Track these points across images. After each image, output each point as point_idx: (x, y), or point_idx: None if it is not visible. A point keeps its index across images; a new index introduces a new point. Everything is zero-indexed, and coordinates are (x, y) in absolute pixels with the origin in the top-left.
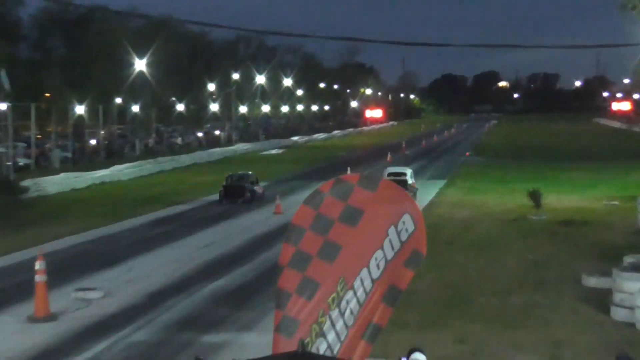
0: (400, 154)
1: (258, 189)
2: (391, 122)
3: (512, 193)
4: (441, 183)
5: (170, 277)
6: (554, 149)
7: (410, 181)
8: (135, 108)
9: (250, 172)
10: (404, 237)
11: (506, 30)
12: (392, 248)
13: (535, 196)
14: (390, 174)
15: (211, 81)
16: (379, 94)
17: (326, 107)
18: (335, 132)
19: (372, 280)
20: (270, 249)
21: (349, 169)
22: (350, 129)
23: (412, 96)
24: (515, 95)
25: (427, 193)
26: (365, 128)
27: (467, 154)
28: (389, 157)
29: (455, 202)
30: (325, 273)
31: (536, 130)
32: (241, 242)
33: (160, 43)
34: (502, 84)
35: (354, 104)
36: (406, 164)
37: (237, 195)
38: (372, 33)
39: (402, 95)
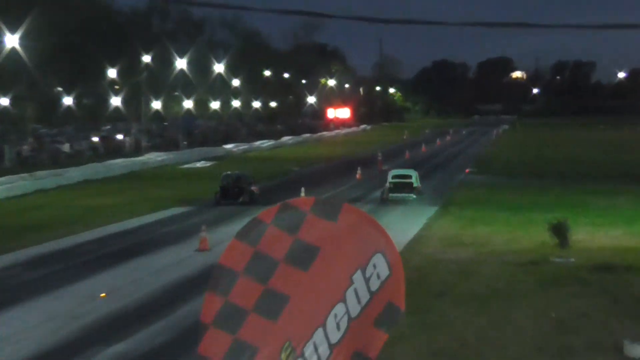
0: (375, 170)
1: (255, 189)
2: (363, 126)
3: (528, 225)
4: (431, 211)
5: (48, 340)
6: (587, 166)
7: (415, 184)
8: (4, 101)
9: (246, 172)
10: (374, 285)
11: (521, 4)
12: (358, 301)
13: (560, 230)
14: (395, 177)
15: (113, 65)
16: (347, 86)
17: (273, 104)
18: (286, 138)
19: (330, 346)
20: (190, 301)
21: (302, 190)
22: (307, 135)
23: (392, 90)
24: (535, 91)
25: (411, 224)
26: (327, 133)
27: (467, 170)
28: (358, 174)
29: (449, 238)
30: (265, 335)
31: (563, 139)
32: (151, 291)
33: (41, 11)
34: (517, 74)
35: (311, 100)
36: (382, 186)
37: (235, 196)
38: (337, 5)
39: (378, 88)
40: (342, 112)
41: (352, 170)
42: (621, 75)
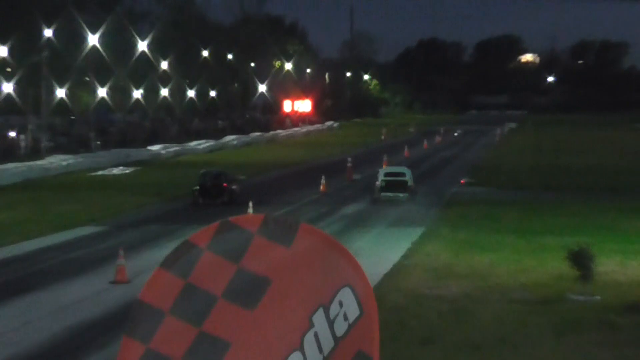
0: (344, 179)
1: (236, 188)
2: (329, 123)
3: (540, 253)
4: (415, 233)
5: None
6: (618, 177)
7: (409, 183)
8: None
9: (226, 170)
10: (340, 328)
11: None
12: (320, 349)
13: (581, 259)
14: (387, 174)
15: (3, 41)
16: (308, 72)
17: (213, 94)
18: (229, 138)
19: None
20: (103, 349)
21: (250, 205)
22: (256, 134)
23: (366, 77)
24: (550, 79)
25: (389, 250)
26: (282, 132)
27: (462, 181)
28: (322, 185)
29: (439, 268)
30: None
31: (587, 141)
32: (50, 336)
33: None
34: (527, 57)
35: (262, 88)
36: (353, 200)
37: (215, 195)
38: None
39: (348, 75)
40: (302, 105)
41: (315, 180)
42: None
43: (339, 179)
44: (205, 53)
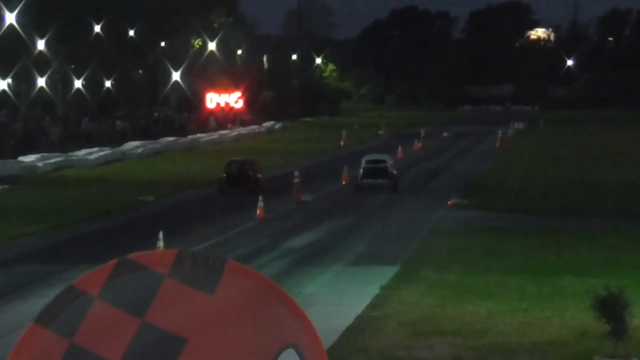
0: (289, 201)
1: (261, 177)
2: (269, 123)
3: (555, 299)
4: (387, 273)
5: None
6: None
7: (390, 169)
8: None
9: (252, 158)
10: None
11: None
12: None
13: (613, 309)
14: (368, 162)
15: None
16: (240, 53)
17: (108, 84)
18: (132, 144)
19: None
20: None
21: (160, 237)
22: (169, 139)
23: (318, 60)
24: (570, 63)
25: (351, 298)
26: (204, 136)
27: (450, 202)
28: (259, 209)
29: (419, 321)
30: None
31: (620, 147)
32: None
33: None
34: (540, 33)
35: (177, 76)
36: (303, 228)
37: (241, 183)
38: None
39: (294, 58)
40: (231, 99)
41: (249, 201)
42: None
43: (283, 200)
44: (97, 28)
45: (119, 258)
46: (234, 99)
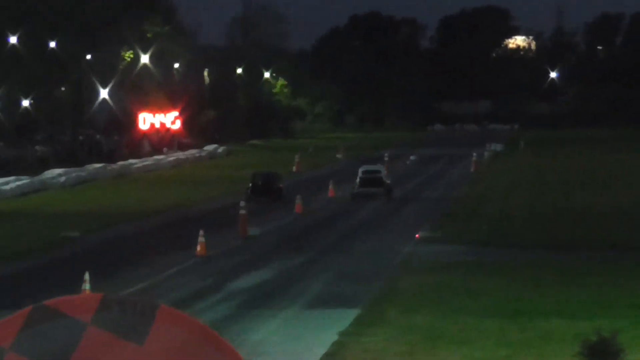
0: (236, 235)
1: (282, 187)
2: (211, 147)
3: (540, 345)
4: (347, 316)
5: None
6: None
7: (385, 179)
8: None
9: (275, 171)
10: None
11: None
12: None
13: (603, 355)
14: (364, 172)
15: None
16: (177, 67)
17: (27, 104)
18: (54, 172)
19: None
20: None
21: (86, 278)
22: (97, 165)
23: (267, 74)
24: (554, 75)
25: (305, 345)
26: (137, 162)
27: (418, 235)
28: (200, 245)
29: None
30: None
31: (613, 170)
32: None
33: None
34: (520, 41)
35: (105, 94)
36: (251, 266)
37: (265, 193)
38: None
39: (239, 72)
40: (167, 120)
41: (189, 237)
42: None
43: (228, 234)
44: (13, 39)
45: (34, 305)
46: (171, 119)
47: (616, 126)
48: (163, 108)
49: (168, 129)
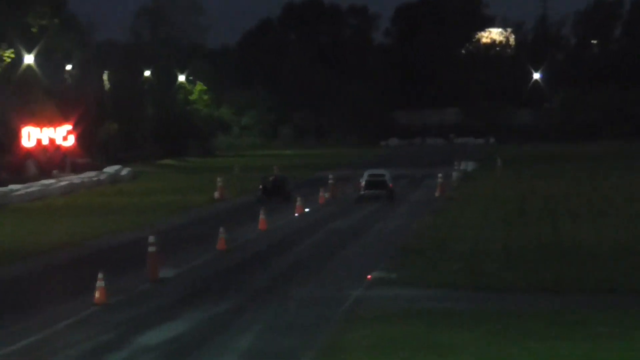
0: (143, 278)
1: (289, 188)
2: (113, 168)
3: None
4: None
5: None
6: None
7: (389, 183)
8: None
9: (284, 174)
10: None
11: None
12: None
13: None
14: (370, 175)
15: None
16: (69, 69)
17: None
18: None
19: None
20: None
21: None
22: None
23: (182, 78)
24: (537, 76)
25: None
26: (19, 188)
27: (370, 276)
28: (98, 291)
29: None
30: None
31: (609, 194)
32: None
33: None
34: (494, 35)
35: None
36: (163, 316)
37: (274, 194)
38: None
39: (147, 74)
40: (58, 135)
41: (84, 280)
42: None
43: (134, 276)
44: None
45: None
46: (62, 135)
47: (614, 139)
48: (52, 121)
49: (59, 147)
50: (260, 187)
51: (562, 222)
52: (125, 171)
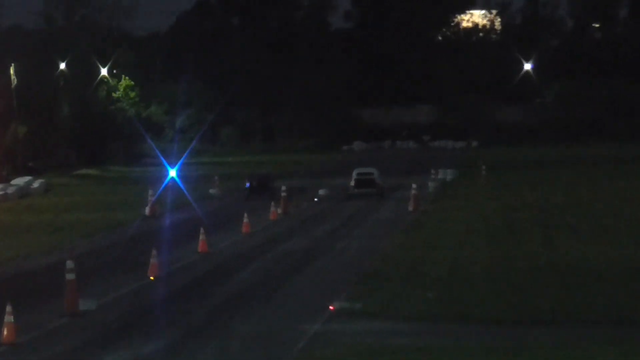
0: (62, 311)
1: (276, 186)
2: (22, 181)
3: None
4: None
5: None
6: None
7: (377, 180)
8: None
9: (270, 172)
10: None
11: None
12: None
13: None
14: (359, 174)
15: None
16: None
17: None
18: None
19: None
20: None
21: None
22: None
23: (104, 71)
24: (527, 66)
25: None
26: None
27: (332, 307)
28: (5, 331)
29: None
30: None
31: (611, 208)
32: None
33: None
34: (476, 18)
35: None
36: None
37: (260, 192)
38: None
39: (62, 66)
40: None
41: None
42: None
43: (47, 309)
44: None
45: None
46: None
47: (618, 139)
48: None
49: None
50: (247, 185)
51: (558, 238)
52: (36, 183)
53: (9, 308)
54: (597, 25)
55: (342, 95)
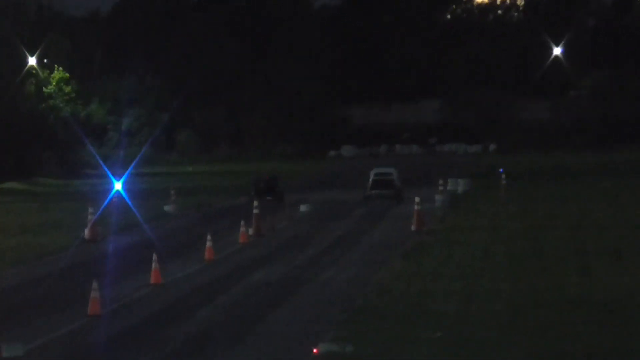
0: None
1: (281, 189)
2: None
3: None
4: None
5: None
6: None
7: (396, 182)
8: None
9: (274, 175)
10: None
11: None
12: None
13: None
14: (376, 174)
15: None
16: None
17: None
18: None
19: None
20: None
21: None
22: None
23: (32, 61)
24: (557, 51)
25: None
26: None
27: (316, 350)
28: None
29: None
30: None
31: None
32: None
33: None
34: None
35: None
36: None
37: (266, 194)
38: None
39: None
40: None
41: None
42: None
43: None
44: None
45: None
46: None
47: None
48: None
49: None
50: (253, 188)
51: (595, 266)
52: None
53: None
54: None
55: (327, 91)
